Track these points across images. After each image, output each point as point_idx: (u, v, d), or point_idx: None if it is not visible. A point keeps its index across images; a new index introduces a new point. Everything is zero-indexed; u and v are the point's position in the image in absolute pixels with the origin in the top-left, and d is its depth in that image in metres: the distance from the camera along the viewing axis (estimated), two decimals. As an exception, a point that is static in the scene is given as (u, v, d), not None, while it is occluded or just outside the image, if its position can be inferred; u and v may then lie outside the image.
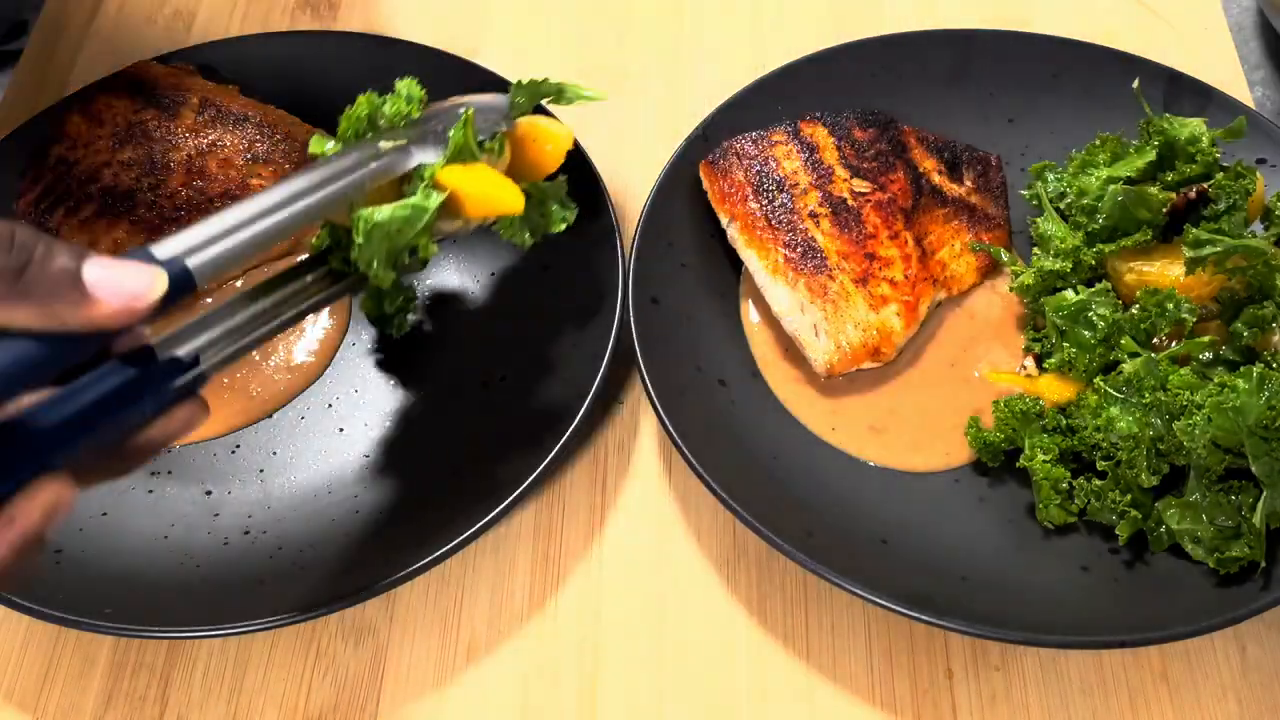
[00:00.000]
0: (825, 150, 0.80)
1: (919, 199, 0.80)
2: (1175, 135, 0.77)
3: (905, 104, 0.86)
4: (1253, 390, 0.64)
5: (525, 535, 0.74)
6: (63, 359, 0.46)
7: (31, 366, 0.45)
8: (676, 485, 0.75)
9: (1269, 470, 0.64)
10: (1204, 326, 0.73)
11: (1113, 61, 0.87)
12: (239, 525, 0.72)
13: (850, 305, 0.75)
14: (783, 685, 0.68)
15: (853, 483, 0.73)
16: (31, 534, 0.44)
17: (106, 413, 0.48)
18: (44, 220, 0.80)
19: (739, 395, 0.76)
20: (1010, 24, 0.95)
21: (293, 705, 0.68)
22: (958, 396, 0.76)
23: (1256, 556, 0.65)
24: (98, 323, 0.46)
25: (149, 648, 0.70)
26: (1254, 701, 0.67)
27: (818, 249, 0.76)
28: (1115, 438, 0.68)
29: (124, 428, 0.49)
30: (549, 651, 0.70)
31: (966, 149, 0.85)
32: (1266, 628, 0.69)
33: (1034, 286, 0.77)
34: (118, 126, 0.82)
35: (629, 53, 0.98)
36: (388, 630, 0.71)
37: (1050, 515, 0.69)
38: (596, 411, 0.78)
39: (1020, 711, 0.67)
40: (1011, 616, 0.64)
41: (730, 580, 0.72)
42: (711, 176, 0.80)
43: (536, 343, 0.77)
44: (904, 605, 0.63)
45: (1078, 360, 0.72)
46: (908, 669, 0.68)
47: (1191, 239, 0.72)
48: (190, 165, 0.81)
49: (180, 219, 0.80)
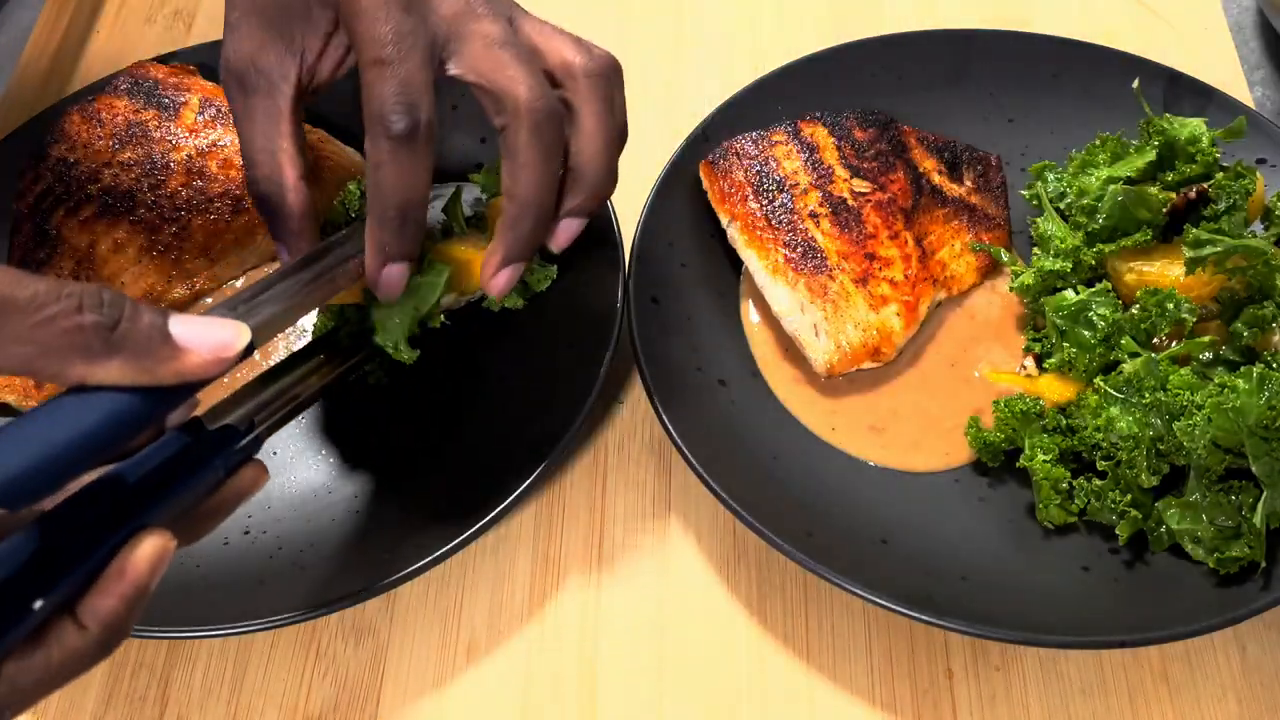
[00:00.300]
0: (825, 150, 0.80)
1: (919, 199, 0.80)
2: (1175, 135, 0.77)
3: (905, 104, 0.86)
4: (1253, 390, 0.64)
5: (525, 535, 0.74)
6: (152, 414, 0.48)
7: (126, 421, 0.47)
8: (676, 485, 0.75)
9: (1269, 470, 0.64)
10: (1204, 326, 0.73)
11: (1113, 61, 0.87)
12: (239, 525, 0.72)
13: (850, 305, 0.75)
14: (783, 685, 0.68)
15: (853, 482, 0.73)
16: (142, 585, 0.46)
17: (179, 476, 0.49)
18: (44, 220, 0.80)
19: (739, 395, 0.76)
20: (1010, 24, 0.95)
21: (293, 705, 0.68)
22: (958, 396, 0.76)
23: (1256, 556, 0.65)
24: (186, 374, 0.49)
25: (149, 648, 0.70)
26: (1254, 701, 0.67)
27: (818, 249, 0.76)
28: (1115, 438, 0.68)
29: (198, 489, 0.50)
30: (549, 651, 0.70)
31: (966, 149, 0.85)
32: (1266, 628, 0.69)
33: (1034, 286, 0.77)
34: (118, 126, 0.82)
35: (629, 52, 0.98)
36: (388, 630, 0.71)
37: (1050, 515, 0.69)
38: (596, 411, 0.78)
39: (1020, 711, 0.67)
40: (1011, 616, 0.64)
41: (730, 580, 0.72)
42: (711, 176, 0.80)
43: (537, 343, 0.77)
44: (904, 605, 0.63)
45: (1078, 360, 0.72)
46: (908, 669, 0.68)
47: (1191, 239, 0.72)
48: (190, 165, 0.81)
49: (180, 219, 0.80)
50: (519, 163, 0.61)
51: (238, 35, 0.64)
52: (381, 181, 0.59)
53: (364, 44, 0.59)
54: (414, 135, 0.58)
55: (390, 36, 0.58)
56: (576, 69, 0.64)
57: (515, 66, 0.60)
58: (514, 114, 0.60)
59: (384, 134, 0.58)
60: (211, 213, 0.80)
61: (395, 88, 0.58)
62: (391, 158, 0.59)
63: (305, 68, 0.64)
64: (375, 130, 0.58)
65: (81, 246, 0.79)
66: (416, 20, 0.60)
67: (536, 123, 0.60)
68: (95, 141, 0.82)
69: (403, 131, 0.58)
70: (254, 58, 0.63)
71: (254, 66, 0.63)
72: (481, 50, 0.61)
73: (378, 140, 0.59)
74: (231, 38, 0.64)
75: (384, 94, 0.58)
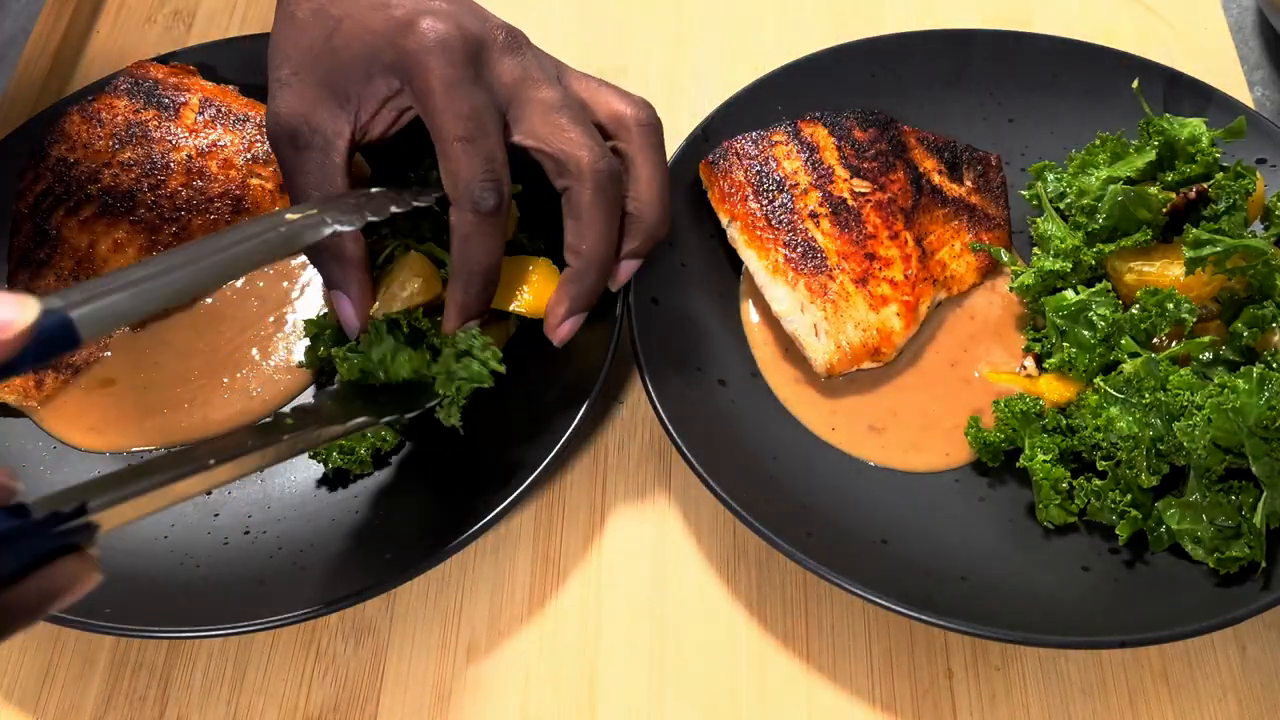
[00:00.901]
0: (825, 150, 0.80)
1: (919, 199, 0.80)
2: (1175, 135, 0.77)
3: (905, 104, 0.86)
4: (1253, 390, 0.64)
5: (525, 535, 0.74)
6: None
7: None
8: (676, 485, 0.75)
9: (1269, 470, 0.64)
10: (1204, 326, 0.73)
11: (1113, 61, 0.87)
12: (239, 525, 0.72)
13: (850, 305, 0.75)
14: (783, 685, 0.68)
15: (852, 482, 0.73)
16: None
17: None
18: (44, 220, 0.80)
19: (739, 395, 0.76)
20: (1010, 24, 0.95)
21: (293, 705, 0.68)
22: (958, 396, 0.76)
23: (1256, 556, 0.65)
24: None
25: (149, 648, 0.70)
26: (1254, 701, 0.67)
27: (818, 249, 0.76)
28: (1115, 438, 0.68)
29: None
30: (549, 651, 0.70)
31: (966, 149, 0.85)
32: (1266, 628, 0.69)
33: (1034, 286, 0.77)
34: (118, 126, 0.82)
35: (629, 52, 0.98)
36: (388, 630, 0.71)
37: (1050, 515, 0.69)
38: (596, 411, 0.78)
39: (1020, 711, 0.67)
40: (1011, 616, 0.64)
41: (730, 580, 0.72)
42: (711, 176, 0.80)
43: (537, 343, 0.77)
44: (904, 605, 0.63)
45: (1078, 360, 0.72)
46: (908, 669, 0.68)
47: (1191, 239, 0.72)
48: (190, 165, 0.81)
49: (180, 219, 0.80)
50: (584, 221, 0.65)
51: (289, 92, 0.65)
52: (470, 253, 0.63)
53: (445, 121, 0.62)
54: (500, 210, 0.63)
55: (470, 113, 0.62)
56: (629, 120, 0.68)
57: (574, 129, 0.64)
58: (578, 177, 0.64)
59: (472, 209, 0.62)
60: (211, 213, 0.80)
61: (481, 165, 0.62)
62: (478, 230, 0.63)
63: (359, 126, 0.66)
64: (463, 205, 0.62)
65: (81, 246, 0.79)
66: (486, 94, 0.63)
67: (600, 184, 0.64)
68: (95, 141, 0.82)
69: (492, 209, 0.62)
70: (307, 115, 0.65)
71: (307, 124, 0.65)
72: (541, 116, 0.64)
73: (465, 214, 0.62)
74: (282, 94, 0.65)
75: (472, 172, 0.62)
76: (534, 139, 0.64)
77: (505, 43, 0.65)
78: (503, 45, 0.65)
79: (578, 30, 1.00)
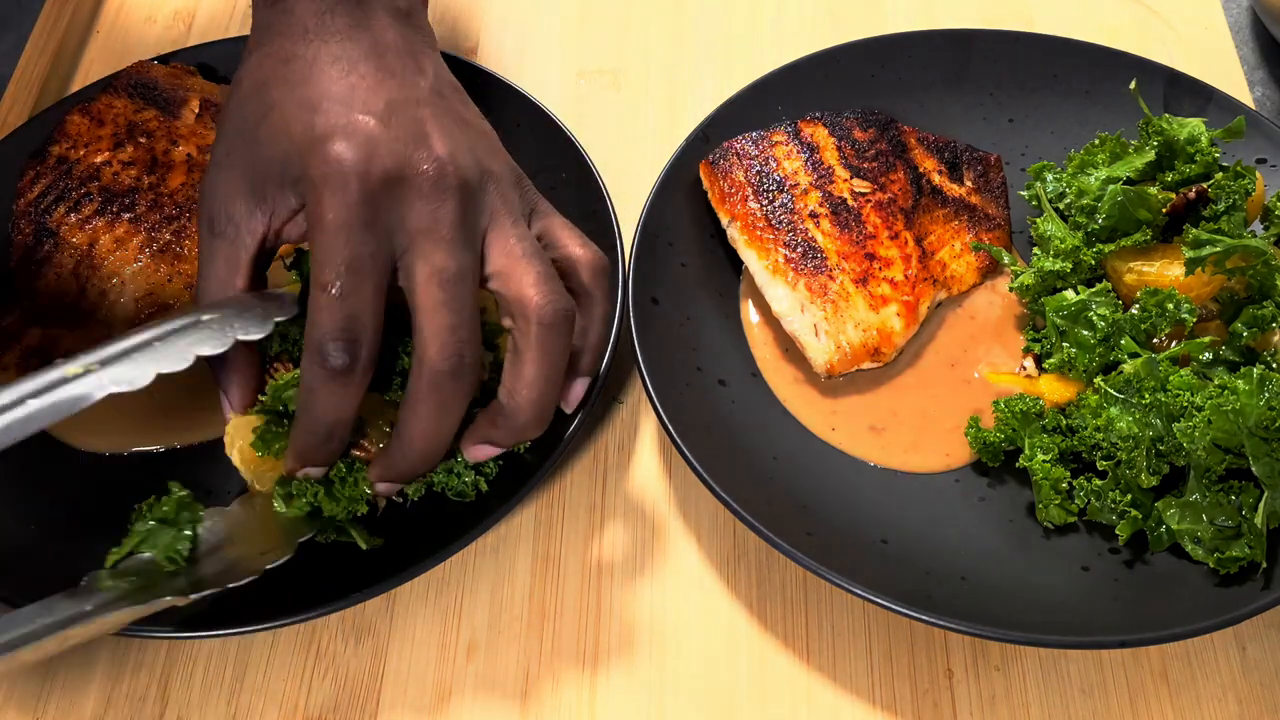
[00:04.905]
0: (825, 150, 0.80)
1: (919, 199, 0.80)
2: (1175, 135, 0.77)
3: (905, 104, 0.86)
4: (1253, 391, 0.64)
5: (525, 535, 0.74)
6: None
7: None
8: (676, 485, 0.75)
9: (1269, 471, 0.65)
10: (1204, 326, 0.73)
11: (1113, 61, 0.87)
12: (239, 525, 0.72)
13: (850, 305, 0.75)
14: (783, 685, 0.68)
15: (852, 483, 0.73)
16: None
17: None
18: (44, 219, 0.80)
19: (739, 395, 0.76)
20: (1010, 24, 0.95)
21: (293, 705, 0.68)
22: (958, 397, 0.76)
23: (1256, 556, 0.65)
24: None
25: (149, 648, 0.70)
26: (1254, 701, 0.67)
27: (818, 249, 0.76)
28: (1115, 438, 0.68)
29: None
30: (549, 651, 0.70)
31: (966, 149, 0.85)
32: (1266, 628, 0.69)
33: (1034, 286, 0.77)
34: (118, 126, 0.82)
35: (629, 52, 0.98)
36: (388, 630, 0.71)
37: (1050, 515, 0.69)
38: (596, 411, 0.78)
39: (1020, 711, 0.67)
40: (1011, 616, 0.64)
41: (730, 580, 0.72)
42: (711, 176, 0.80)
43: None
44: (904, 605, 0.63)
45: (1078, 360, 0.72)
46: (908, 669, 0.68)
47: (1191, 239, 0.72)
48: (190, 165, 0.81)
49: (180, 219, 0.80)
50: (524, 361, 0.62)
51: (219, 174, 0.63)
52: (312, 405, 0.60)
53: (318, 264, 0.58)
54: (350, 371, 0.58)
55: (347, 262, 0.57)
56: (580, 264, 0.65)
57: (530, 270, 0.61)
58: (524, 318, 0.61)
59: (319, 363, 0.58)
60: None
61: (340, 321, 0.58)
62: (324, 387, 0.59)
63: (272, 229, 0.63)
64: (313, 357, 0.58)
65: (81, 245, 0.79)
66: (376, 241, 0.58)
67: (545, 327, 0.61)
68: (95, 140, 0.82)
69: (339, 368, 0.58)
70: (226, 204, 0.62)
71: (224, 212, 0.62)
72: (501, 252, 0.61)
73: (313, 366, 0.58)
74: (212, 173, 0.63)
75: (329, 326, 0.58)
76: (491, 277, 0.62)
77: (432, 180, 0.59)
78: (428, 183, 0.59)
79: (578, 31, 1.00)
